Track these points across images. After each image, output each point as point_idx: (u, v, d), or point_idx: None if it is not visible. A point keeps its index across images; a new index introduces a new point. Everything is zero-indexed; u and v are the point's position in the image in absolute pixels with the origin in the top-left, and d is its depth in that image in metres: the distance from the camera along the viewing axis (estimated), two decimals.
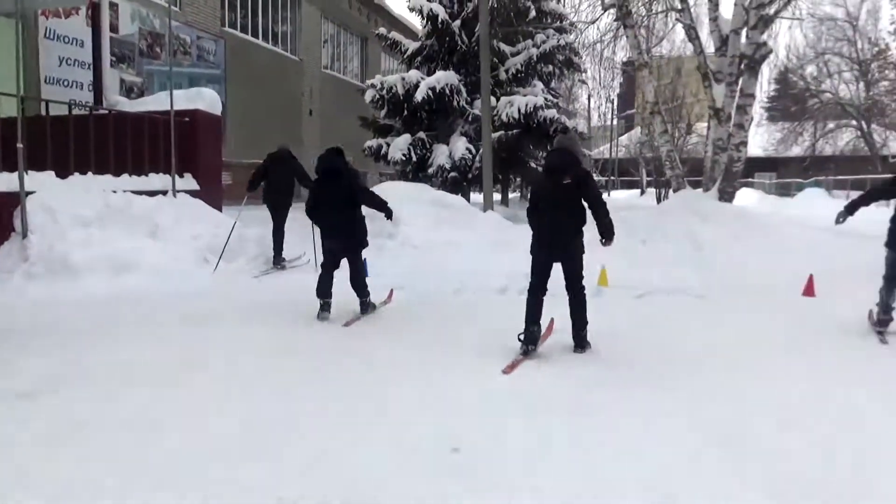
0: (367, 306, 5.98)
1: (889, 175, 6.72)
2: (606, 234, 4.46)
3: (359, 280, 5.90)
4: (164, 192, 9.09)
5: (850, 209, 5.67)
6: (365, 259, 8.44)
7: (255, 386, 3.88)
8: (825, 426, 3.33)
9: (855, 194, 6.24)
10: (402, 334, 5.31)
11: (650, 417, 3.42)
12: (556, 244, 4.53)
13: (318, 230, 6.17)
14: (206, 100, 10.51)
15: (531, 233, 4.69)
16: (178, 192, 9.29)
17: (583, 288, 4.66)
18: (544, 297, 4.65)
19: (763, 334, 5.33)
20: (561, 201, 4.45)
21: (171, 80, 9.77)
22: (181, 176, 9.58)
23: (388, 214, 6.01)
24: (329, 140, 21.78)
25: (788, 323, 5.75)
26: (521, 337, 4.52)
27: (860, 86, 32.21)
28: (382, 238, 10.15)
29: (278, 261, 8.45)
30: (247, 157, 17.38)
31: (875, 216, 16.55)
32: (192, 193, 9.59)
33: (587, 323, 4.67)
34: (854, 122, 32.26)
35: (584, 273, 4.66)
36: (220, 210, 10.01)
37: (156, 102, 10.19)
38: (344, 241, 5.81)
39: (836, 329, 5.50)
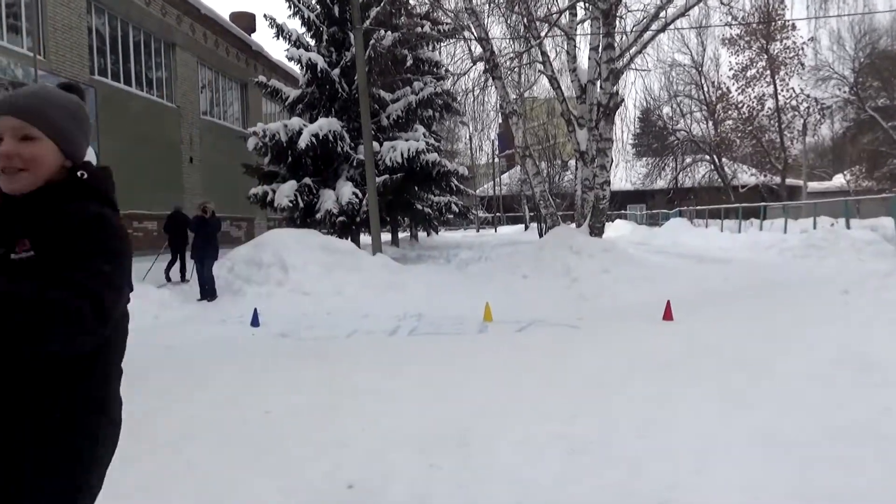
0: None
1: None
2: None
3: None
4: None
5: None
6: (256, 308, 8.51)
7: None
8: (673, 434, 3.84)
9: (712, 222, 7.08)
10: (297, 377, 5.42)
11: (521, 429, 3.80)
12: None
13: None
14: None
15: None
16: None
17: None
18: None
19: (624, 358, 5.91)
20: None
21: None
22: None
23: None
24: (211, 187, 21.31)
25: (646, 347, 6.39)
26: None
27: (709, 124, 35.81)
28: (271, 285, 10.16)
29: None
30: (123, 208, 16.67)
31: (725, 244, 18.24)
32: None
33: None
34: (707, 157, 35.70)
35: None
36: None
37: None
38: None
39: (688, 349, 6.19)
